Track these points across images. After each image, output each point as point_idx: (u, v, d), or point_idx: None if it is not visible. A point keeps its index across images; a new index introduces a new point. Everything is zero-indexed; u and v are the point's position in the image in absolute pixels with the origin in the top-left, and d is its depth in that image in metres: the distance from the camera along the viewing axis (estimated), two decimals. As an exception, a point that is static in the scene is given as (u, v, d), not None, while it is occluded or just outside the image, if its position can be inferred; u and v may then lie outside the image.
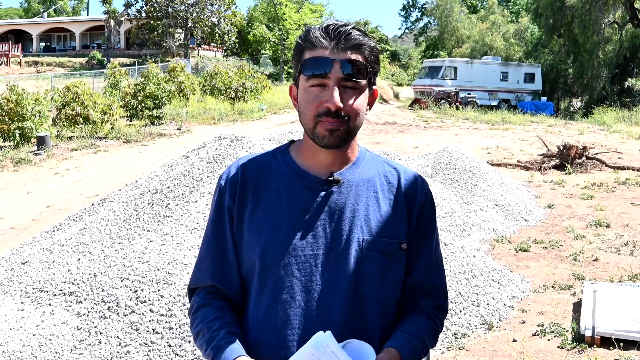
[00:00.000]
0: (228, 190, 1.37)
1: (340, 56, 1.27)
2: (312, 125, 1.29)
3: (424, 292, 1.41)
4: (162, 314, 3.80)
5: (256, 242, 1.32)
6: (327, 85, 1.27)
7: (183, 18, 37.68)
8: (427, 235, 1.42)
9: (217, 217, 1.39)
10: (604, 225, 7.25)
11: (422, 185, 1.42)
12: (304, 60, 1.29)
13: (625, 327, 4.05)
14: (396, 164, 1.45)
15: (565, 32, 31.78)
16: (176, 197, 5.50)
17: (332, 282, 1.30)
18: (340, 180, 1.34)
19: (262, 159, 1.41)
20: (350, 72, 1.27)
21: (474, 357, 3.97)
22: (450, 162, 8.90)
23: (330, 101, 1.25)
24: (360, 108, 1.31)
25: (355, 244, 1.31)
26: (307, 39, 1.31)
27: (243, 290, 1.38)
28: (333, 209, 1.33)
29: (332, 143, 1.29)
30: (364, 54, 1.30)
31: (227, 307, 1.36)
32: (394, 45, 66.93)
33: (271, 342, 1.30)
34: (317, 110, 1.28)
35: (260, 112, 22.05)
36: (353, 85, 1.28)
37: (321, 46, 1.28)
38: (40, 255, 4.95)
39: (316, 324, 1.28)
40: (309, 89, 1.29)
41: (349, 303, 1.30)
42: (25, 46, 44.51)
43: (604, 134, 17.85)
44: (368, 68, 1.30)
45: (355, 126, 1.31)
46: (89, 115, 15.25)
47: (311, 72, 1.28)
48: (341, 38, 1.28)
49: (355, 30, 1.30)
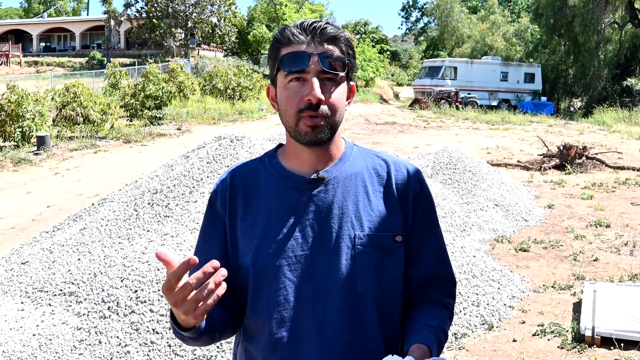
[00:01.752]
0: (219, 199, 1.38)
1: (317, 50, 1.27)
2: (293, 122, 1.28)
3: (434, 282, 1.40)
4: (162, 314, 3.80)
5: (248, 247, 1.32)
6: (306, 79, 1.27)
7: (183, 18, 37.69)
8: (429, 224, 1.40)
9: (207, 228, 1.39)
10: (604, 225, 7.25)
11: (415, 174, 1.40)
12: (282, 56, 1.29)
13: (625, 327, 4.05)
14: (386, 155, 1.43)
15: (565, 32, 31.78)
16: (176, 197, 5.50)
17: (326, 281, 1.29)
18: (326, 177, 1.33)
19: (251, 165, 1.41)
20: (328, 65, 1.26)
21: (474, 357, 3.97)
22: (450, 162, 8.90)
23: (311, 94, 1.24)
24: (340, 101, 1.30)
25: (346, 241, 1.30)
26: (282, 35, 1.30)
27: (237, 297, 1.36)
28: (320, 207, 1.32)
29: (315, 139, 1.28)
30: (341, 47, 1.30)
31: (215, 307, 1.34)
32: (394, 45, 66.95)
33: (268, 344, 1.29)
34: (298, 105, 1.27)
35: (260, 112, 22.05)
36: (332, 77, 1.28)
37: (298, 41, 1.28)
38: (40, 255, 4.95)
39: (312, 325, 1.27)
40: (288, 85, 1.28)
41: (345, 301, 1.28)
42: (25, 46, 44.51)
43: (604, 134, 17.86)
44: (345, 60, 1.30)
45: (336, 121, 1.30)
46: (89, 115, 15.26)
47: (290, 68, 1.27)
48: (317, 32, 1.28)
49: (330, 25, 1.30)
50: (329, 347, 1.27)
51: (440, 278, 1.42)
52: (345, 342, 1.28)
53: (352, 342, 1.29)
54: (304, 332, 1.27)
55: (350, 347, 1.28)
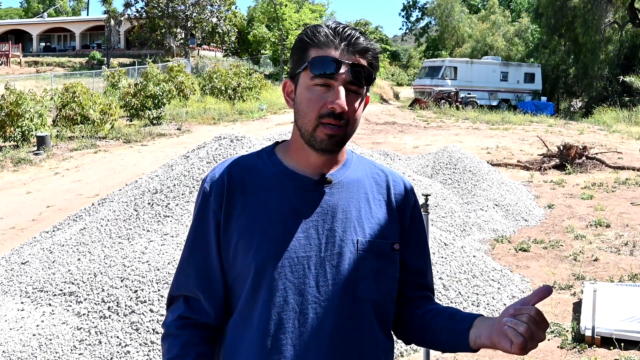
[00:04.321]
0: (213, 194, 1.33)
1: (349, 59, 1.26)
2: (312, 127, 1.27)
3: (426, 288, 1.46)
4: (162, 314, 3.80)
5: (247, 246, 1.29)
6: (332, 85, 1.25)
7: (183, 18, 37.69)
8: (422, 235, 1.45)
9: (201, 223, 1.35)
10: (604, 225, 7.25)
11: (410, 187, 1.44)
12: (313, 57, 1.26)
13: (625, 327, 4.05)
14: (382, 166, 1.45)
15: (566, 32, 31.79)
16: (176, 197, 5.50)
17: (326, 284, 1.28)
18: (332, 180, 1.33)
19: (248, 160, 1.38)
20: (357, 77, 1.25)
21: (474, 357, 3.97)
22: (450, 162, 8.90)
23: (335, 102, 1.23)
24: (359, 114, 1.30)
25: (350, 245, 1.30)
26: (315, 36, 1.28)
27: (227, 302, 1.35)
28: (325, 210, 1.31)
29: (330, 148, 1.28)
30: (369, 60, 1.29)
31: (193, 342, 1.33)
32: (394, 45, 66.96)
33: (265, 346, 1.28)
34: (320, 111, 1.25)
35: (260, 112, 22.05)
36: (356, 90, 1.27)
37: (331, 46, 1.26)
38: (40, 255, 4.95)
39: (310, 327, 1.26)
40: (312, 87, 1.26)
41: (344, 305, 1.28)
42: (25, 46, 44.50)
43: (604, 134, 17.85)
44: (372, 75, 1.29)
45: (351, 132, 1.30)
46: (89, 115, 15.27)
47: (321, 71, 1.25)
48: (351, 41, 1.26)
49: (362, 36, 1.29)
50: (327, 351, 1.26)
51: (429, 285, 1.48)
52: (342, 346, 1.28)
53: (350, 347, 1.28)
54: (301, 335, 1.26)
55: (348, 351, 1.28)
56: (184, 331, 1.33)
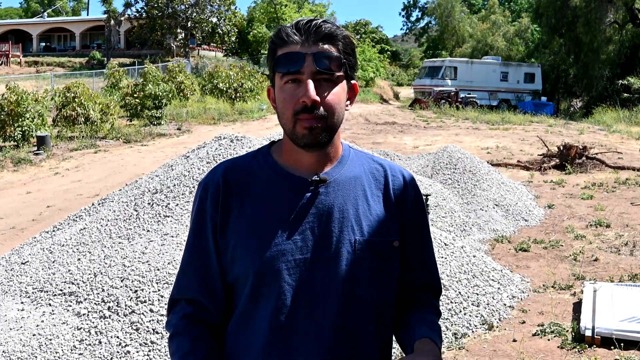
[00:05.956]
0: (209, 198, 1.32)
1: (312, 49, 1.23)
2: (291, 125, 1.25)
3: (426, 286, 1.43)
4: (162, 314, 3.80)
5: (244, 249, 1.28)
6: (301, 80, 1.24)
7: (183, 18, 37.69)
8: (423, 230, 1.41)
9: (199, 227, 1.34)
10: (604, 225, 7.25)
11: (411, 181, 1.39)
12: (277, 57, 1.26)
13: (625, 327, 4.05)
14: (381, 159, 1.41)
15: (566, 32, 31.78)
16: (176, 197, 5.50)
17: (325, 285, 1.27)
18: (327, 180, 1.30)
19: (244, 162, 1.36)
20: (323, 65, 1.23)
21: (474, 357, 3.97)
22: (450, 162, 8.90)
23: (305, 95, 1.22)
24: (338, 101, 1.26)
25: (347, 245, 1.28)
26: (278, 36, 1.27)
27: (228, 301, 1.34)
28: (321, 210, 1.29)
29: (312, 141, 1.25)
30: (337, 45, 1.26)
31: (203, 336, 1.32)
32: (395, 45, 66.95)
33: (265, 347, 1.27)
34: (294, 108, 1.24)
35: (260, 112, 22.05)
36: (328, 77, 1.24)
37: (292, 42, 1.25)
38: (40, 255, 4.95)
39: (309, 329, 1.26)
40: (284, 87, 1.26)
41: (344, 306, 1.27)
42: (25, 46, 44.47)
43: (604, 134, 17.85)
44: (342, 59, 1.26)
45: (335, 122, 1.27)
46: (89, 115, 15.27)
47: (285, 69, 1.24)
48: (312, 31, 1.24)
49: (327, 23, 1.26)
50: (327, 351, 1.26)
51: (433, 282, 1.45)
52: (342, 347, 1.27)
53: (349, 347, 1.28)
54: (301, 338, 1.26)
55: (347, 352, 1.27)
56: (192, 327, 1.33)
